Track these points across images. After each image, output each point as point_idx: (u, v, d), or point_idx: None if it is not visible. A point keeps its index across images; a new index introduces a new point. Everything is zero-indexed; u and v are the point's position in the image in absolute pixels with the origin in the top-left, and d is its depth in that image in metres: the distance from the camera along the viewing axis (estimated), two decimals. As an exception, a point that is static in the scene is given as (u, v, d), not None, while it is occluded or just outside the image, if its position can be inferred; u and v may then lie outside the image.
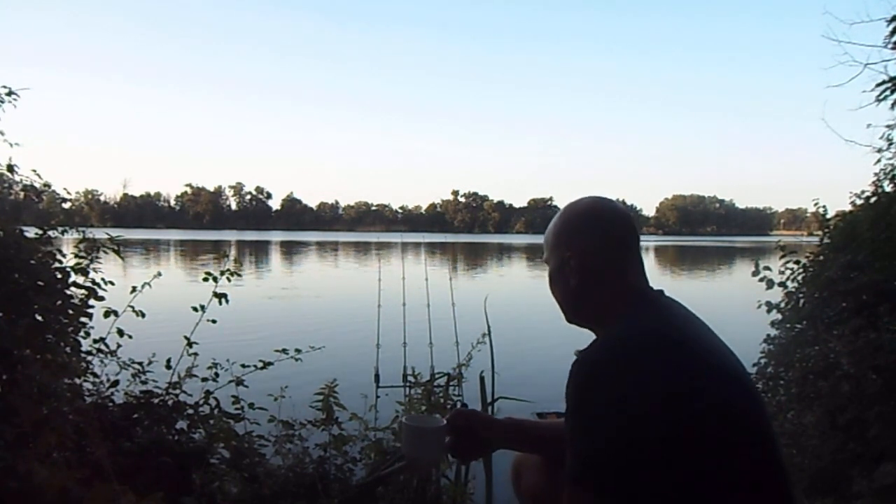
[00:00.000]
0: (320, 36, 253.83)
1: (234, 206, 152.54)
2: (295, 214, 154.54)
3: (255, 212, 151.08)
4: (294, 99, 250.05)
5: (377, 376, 6.52)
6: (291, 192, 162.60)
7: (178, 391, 3.01)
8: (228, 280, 3.20)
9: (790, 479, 1.14)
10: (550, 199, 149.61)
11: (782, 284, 4.46)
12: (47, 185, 3.42)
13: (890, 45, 4.67)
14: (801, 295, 4.42)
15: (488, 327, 3.31)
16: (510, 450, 1.62)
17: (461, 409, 1.56)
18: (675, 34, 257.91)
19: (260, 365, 3.08)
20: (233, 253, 3.62)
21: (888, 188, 4.73)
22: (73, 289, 2.88)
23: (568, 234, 1.34)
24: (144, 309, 3.06)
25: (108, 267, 3.15)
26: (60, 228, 3.09)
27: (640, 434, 1.05)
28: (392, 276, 8.30)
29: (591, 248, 1.30)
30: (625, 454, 1.06)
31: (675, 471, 1.05)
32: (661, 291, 1.30)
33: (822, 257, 4.57)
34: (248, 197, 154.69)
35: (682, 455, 1.05)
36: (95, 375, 3.00)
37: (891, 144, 4.88)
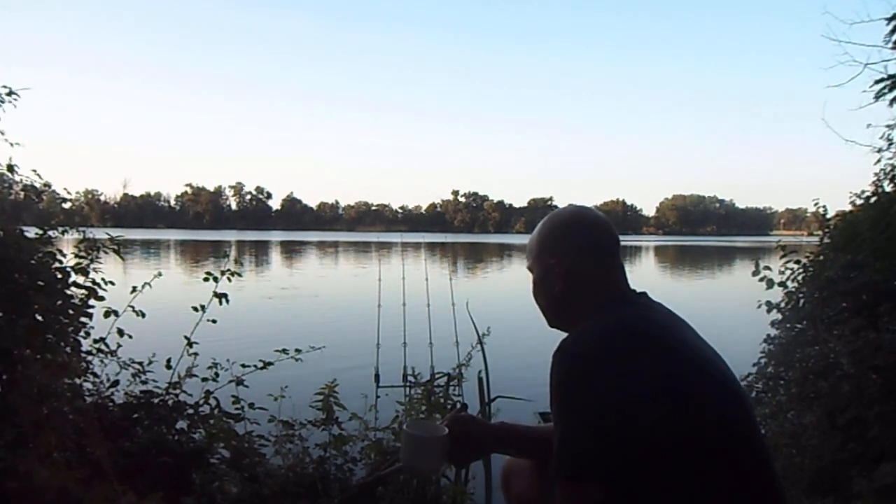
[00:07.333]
0: (321, 36, 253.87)
1: (234, 206, 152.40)
2: (295, 214, 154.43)
3: (255, 212, 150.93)
4: (294, 99, 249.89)
5: (377, 376, 6.53)
6: (291, 192, 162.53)
7: (178, 391, 3.01)
8: (229, 280, 3.21)
9: (775, 473, 1.16)
10: (550, 199, 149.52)
11: (782, 284, 4.45)
12: (47, 185, 3.42)
13: (890, 45, 4.68)
14: (801, 295, 4.42)
15: (476, 331, 3.33)
16: (504, 454, 1.62)
17: (457, 415, 1.56)
18: (675, 34, 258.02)
19: (260, 365, 3.08)
20: (233, 253, 3.62)
21: (888, 188, 4.73)
22: (73, 289, 2.88)
23: (552, 242, 1.39)
24: (144, 309, 3.06)
25: (108, 267, 3.15)
26: (60, 228, 3.09)
27: (622, 427, 1.07)
28: (392, 275, 8.30)
29: (575, 255, 1.35)
30: (609, 448, 1.08)
31: (658, 464, 1.07)
32: (643, 293, 1.34)
33: (822, 257, 4.57)
34: (248, 197, 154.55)
35: (664, 449, 1.07)
36: (95, 375, 3.01)
37: (891, 144, 4.88)
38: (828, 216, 4.89)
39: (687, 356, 1.17)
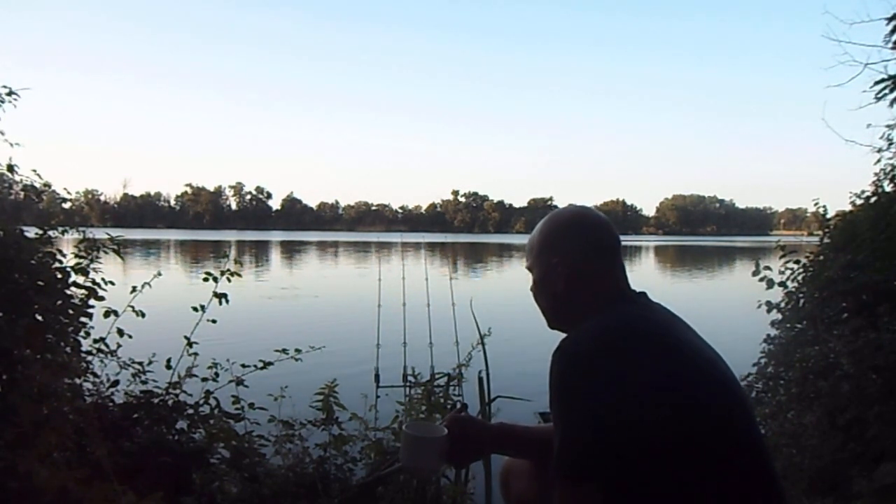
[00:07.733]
0: (321, 36, 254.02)
1: (234, 206, 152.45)
2: (295, 214, 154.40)
3: (255, 212, 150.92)
4: (294, 99, 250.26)
5: (377, 376, 6.51)
6: (291, 192, 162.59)
7: (178, 391, 3.00)
8: (229, 280, 3.20)
9: (775, 473, 1.16)
10: (550, 198, 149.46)
11: (782, 284, 4.45)
12: (47, 185, 3.42)
13: (890, 45, 4.67)
14: (801, 295, 4.42)
15: (478, 330, 3.32)
16: (503, 455, 1.62)
17: (456, 415, 1.55)
18: (675, 34, 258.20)
19: (260, 365, 3.08)
20: (233, 253, 3.61)
21: (888, 188, 4.73)
22: (73, 289, 2.88)
23: (554, 241, 1.39)
24: (145, 309, 3.06)
25: (108, 267, 3.15)
26: (60, 228, 3.09)
27: (622, 427, 1.07)
28: (392, 275, 8.29)
29: (578, 254, 1.35)
30: (609, 448, 1.08)
31: (658, 464, 1.07)
32: (643, 293, 1.34)
33: (822, 257, 4.57)
34: (248, 197, 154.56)
35: (664, 449, 1.07)
36: (95, 375, 3.00)
37: (891, 144, 4.88)
38: (828, 216, 4.88)
39: (687, 356, 1.17)
